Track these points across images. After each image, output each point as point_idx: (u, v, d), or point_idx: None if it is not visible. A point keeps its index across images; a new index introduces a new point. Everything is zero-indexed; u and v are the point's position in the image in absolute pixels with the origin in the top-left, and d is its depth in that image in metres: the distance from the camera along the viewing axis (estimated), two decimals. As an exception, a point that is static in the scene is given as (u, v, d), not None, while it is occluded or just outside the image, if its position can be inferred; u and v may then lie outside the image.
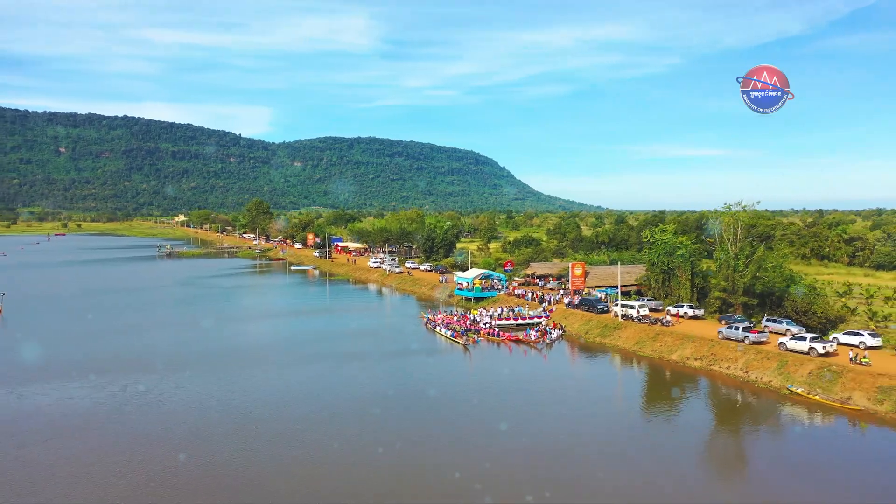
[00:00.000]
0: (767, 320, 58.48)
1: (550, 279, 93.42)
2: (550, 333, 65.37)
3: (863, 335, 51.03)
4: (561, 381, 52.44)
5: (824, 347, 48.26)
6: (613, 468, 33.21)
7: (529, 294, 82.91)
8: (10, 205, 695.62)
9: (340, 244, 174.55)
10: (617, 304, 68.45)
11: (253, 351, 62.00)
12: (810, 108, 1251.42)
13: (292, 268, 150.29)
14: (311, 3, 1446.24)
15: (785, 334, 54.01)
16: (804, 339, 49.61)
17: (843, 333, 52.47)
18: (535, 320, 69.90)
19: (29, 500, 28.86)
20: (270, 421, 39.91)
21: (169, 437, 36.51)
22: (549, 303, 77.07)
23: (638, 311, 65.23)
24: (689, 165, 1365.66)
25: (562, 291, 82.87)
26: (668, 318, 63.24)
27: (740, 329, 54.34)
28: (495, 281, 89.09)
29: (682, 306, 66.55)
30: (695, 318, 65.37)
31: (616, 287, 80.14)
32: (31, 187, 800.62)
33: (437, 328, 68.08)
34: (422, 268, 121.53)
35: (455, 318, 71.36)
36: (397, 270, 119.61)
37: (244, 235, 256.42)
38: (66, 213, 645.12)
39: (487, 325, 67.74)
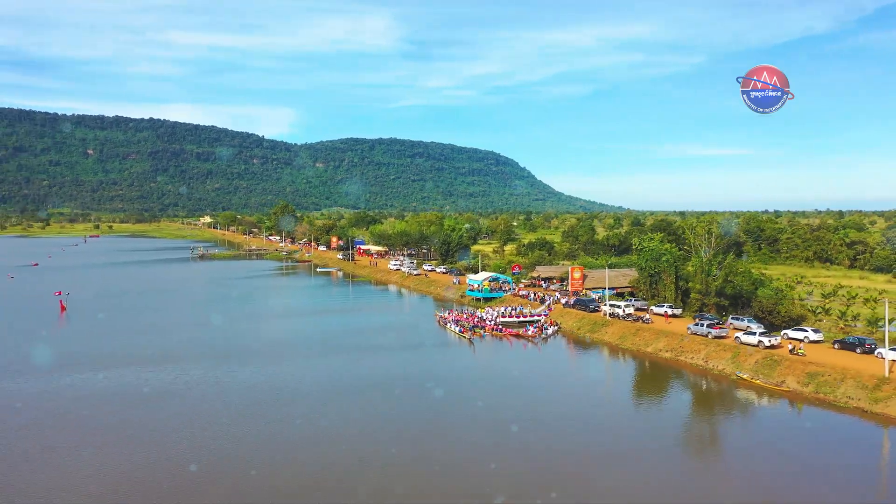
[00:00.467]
0: (733, 318, 68.02)
1: (554, 281, 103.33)
2: (547, 329, 75.50)
3: (807, 331, 60.51)
4: (552, 370, 62.80)
5: (769, 341, 57.92)
6: (597, 446, 43.41)
7: (532, 295, 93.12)
8: (41, 206, 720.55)
9: (363, 247, 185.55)
10: (606, 304, 78.35)
11: (289, 344, 73.25)
12: (838, 106, 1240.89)
13: (318, 269, 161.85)
14: (333, 4, 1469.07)
15: (746, 330, 63.46)
16: (754, 333, 59.28)
17: (792, 329, 61.96)
18: (535, 318, 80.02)
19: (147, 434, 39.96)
20: (299, 414, 50.80)
21: (221, 409, 47.62)
22: (549, 303, 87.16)
23: (623, 311, 75.05)
24: (714, 164, 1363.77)
25: (557, 294, 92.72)
26: (648, 316, 73.03)
27: (705, 326, 64.08)
28: (502, 283, 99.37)
29: (663, 306, 76.20)
30: (674, 316, 74.88)
31: (612, 289, 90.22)
32: (61, 188, 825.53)
33: (448, 325, 78.60)
34: (438, 270, 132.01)
35: (465, 316, 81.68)
36: (415, 273, 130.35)
37: (270, 237, 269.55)
38: (94, 213, 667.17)
39: (492, 322, 77.97)
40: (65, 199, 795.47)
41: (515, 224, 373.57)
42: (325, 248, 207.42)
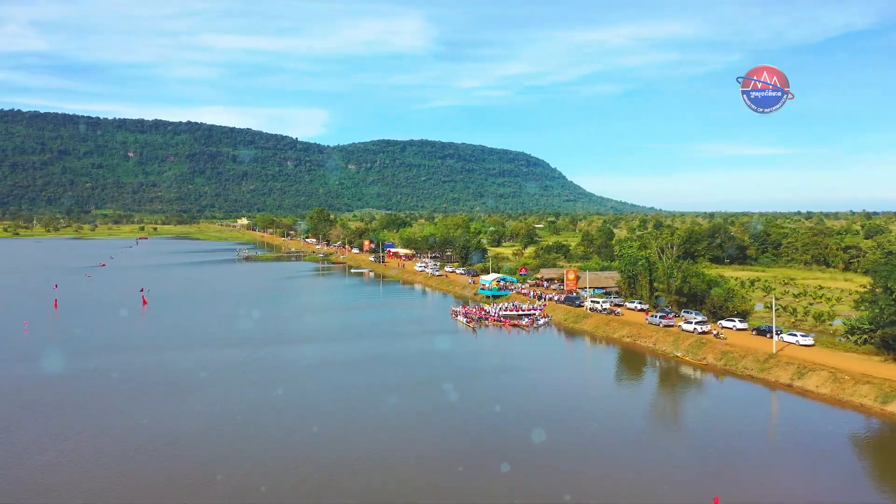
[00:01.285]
0: (684, 312, 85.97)
1: (555, 281, 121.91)
2: (538, 321, 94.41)
3: (735, 321, 78.39)
4: (537, 350, 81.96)
5: (701, 328, 76.00)
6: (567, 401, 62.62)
7: (531, 293, 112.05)
8: (85, 207, 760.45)
9: (392, 250, 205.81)
10: (588, 301, 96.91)
11: (332, 331, 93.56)
12: (880, 104, 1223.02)
13: (352, 271, 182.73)
14: (367, 7, 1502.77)
15: (687, 321, 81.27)
16: (690, 322, 77.43)
17: (725, 320, 79.85)
18: (530, 311, 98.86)
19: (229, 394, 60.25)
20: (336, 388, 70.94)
21: (290, 371, 68.01)
22: (544, 300, 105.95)
23: (601, 306, 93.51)
24: (749, 164, 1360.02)
25: (553, 293, 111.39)
26: (619, 310, 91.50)
27: (657, 317, 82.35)
28: (508, 283, 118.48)
29: (634, 302, 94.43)
30: (642, 310, 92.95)
31: (601, 288, 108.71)
32: (103, 191, 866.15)
33: (458, 317, 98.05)
34: (458, 272, 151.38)
35: (473, 310, 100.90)
36: (437, 274, 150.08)
37: (307, 240, 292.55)
38: (137, 215, 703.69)
39: (494, 315, 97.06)
40: (107, 200, 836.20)
41: (542, 226, 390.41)
42: (357, 251, 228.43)
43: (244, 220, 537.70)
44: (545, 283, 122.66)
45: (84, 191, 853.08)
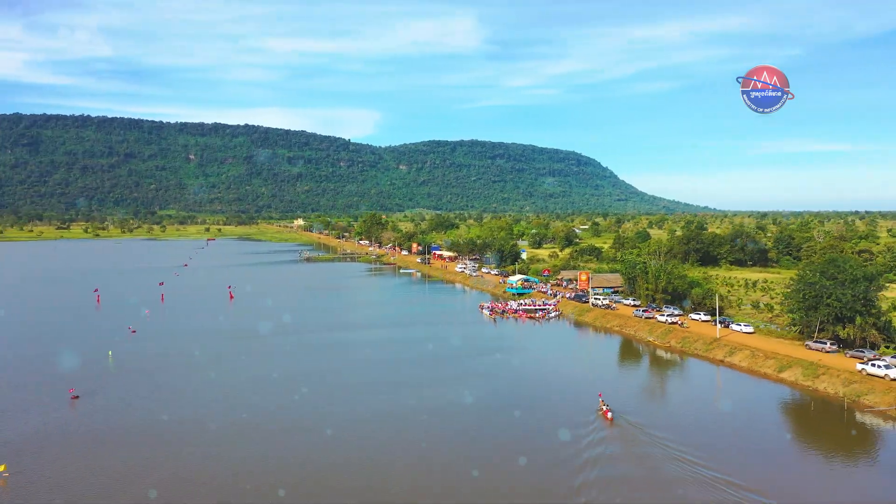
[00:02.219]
0: (666, 306, 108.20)
1: (573, 281, 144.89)
2: (550, 314, 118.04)
3: (700, 314, 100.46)
4: (542, 336, 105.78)
5: (672, 318, 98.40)
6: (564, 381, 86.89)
7: (549, 291, 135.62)
8: (150, 208, 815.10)
9: (437, 252, 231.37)
10: (591, 298, 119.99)
11: (385, 320, 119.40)
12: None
13: (401, 271, 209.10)
14: (419, 8, 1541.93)
15: (665, 314, 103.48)
16: (664, 314, 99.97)
17: (693, 312, 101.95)
18: (545, 307, 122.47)
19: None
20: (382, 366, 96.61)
21: (355, 348, 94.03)
22: (558, 297, 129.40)
23: (602, 302, 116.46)
24: (812, 161, 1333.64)
25: (567, 291, 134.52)
26: (615, 305, 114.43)
27: (641, 311, 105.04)
28: (530, 283, 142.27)
29: (629, 299, 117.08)
30: (635, 306, 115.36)
31: (610, 288, 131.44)
32: (166, 192, 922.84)
33: (484, 311, 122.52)
34: (492, 273, 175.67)
35: (498, 305, 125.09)
36: (475, 274, 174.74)
37: (361, 242, 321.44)
38: (199, 216, 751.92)
39: (515, 309, 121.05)
40: (169, 201, 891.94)
41: (585, 227, 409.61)
42: (406, 253, 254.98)
43: (300, 221, 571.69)
44: (564, 283, 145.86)
45: (148, 192, 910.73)
